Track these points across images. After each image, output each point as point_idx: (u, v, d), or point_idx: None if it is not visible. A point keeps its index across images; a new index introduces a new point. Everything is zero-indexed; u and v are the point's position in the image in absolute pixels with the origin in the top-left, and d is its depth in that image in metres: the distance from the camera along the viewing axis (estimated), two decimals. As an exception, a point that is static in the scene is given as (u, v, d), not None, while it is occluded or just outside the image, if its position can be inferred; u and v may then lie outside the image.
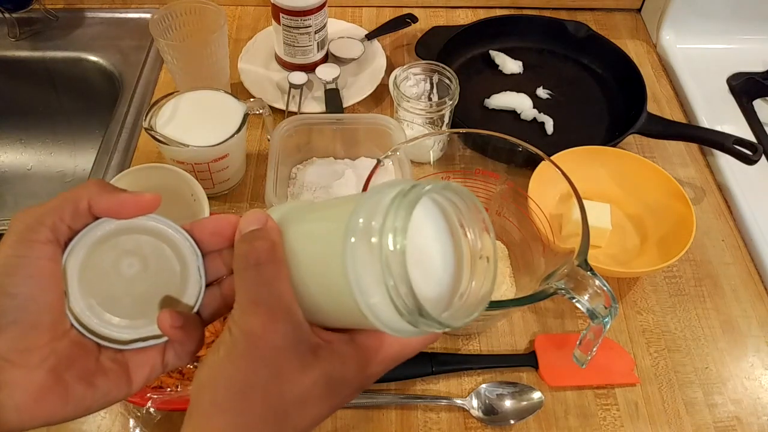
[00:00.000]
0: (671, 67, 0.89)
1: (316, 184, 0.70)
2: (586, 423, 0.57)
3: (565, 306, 0.64)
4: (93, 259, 0.31)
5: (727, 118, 0.83)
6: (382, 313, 0.26)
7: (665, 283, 0.67)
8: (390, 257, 0.24)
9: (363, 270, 0.25)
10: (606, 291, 0.43)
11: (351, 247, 0.26)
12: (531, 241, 0.58)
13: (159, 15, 0.72)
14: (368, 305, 0.26)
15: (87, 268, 0.31)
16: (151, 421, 0.52)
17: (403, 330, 0.26)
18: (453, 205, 0.28)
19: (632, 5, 0.99)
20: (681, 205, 0.65)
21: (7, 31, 0.90)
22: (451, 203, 0.28)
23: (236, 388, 0.27)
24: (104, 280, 0.31)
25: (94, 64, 0.89)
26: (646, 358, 0.61)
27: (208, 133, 0.64)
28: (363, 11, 0.96)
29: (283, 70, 0.84)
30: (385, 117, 0.69)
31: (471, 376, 0.59)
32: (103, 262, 0.31)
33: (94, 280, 0.31)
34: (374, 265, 0.25)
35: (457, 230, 0.29)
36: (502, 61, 0.88)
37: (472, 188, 0.61)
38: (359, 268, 0.25)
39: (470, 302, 0.28)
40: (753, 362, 0.61)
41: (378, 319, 0.26)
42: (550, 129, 0.80)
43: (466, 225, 0.28)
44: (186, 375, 0.53)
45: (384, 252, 0.24)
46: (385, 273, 0.24)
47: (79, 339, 0.31)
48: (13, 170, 0.96)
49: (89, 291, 0.31)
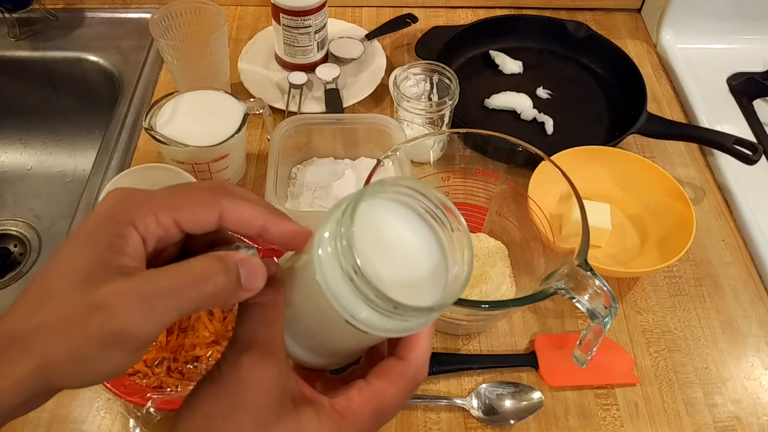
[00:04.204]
0: (671, 67, 0.89)
1: (316, 184, 0.70)
2: (586, 423, 0.57)
3: (565, 306, 0.64)
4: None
5: (727, 118, 0.83)
6: (361, 313, 0.26)
7: (665, 283, 0.67)
8: (342, 252, 0.25)
9: (331, 275, 0.26)
10: (606, 291, 0.43)
11: (318, 258, 0.27)
12: (531, 241, 0.58)
13: (159, 15, 0.72)
14: (350, 313, 0.26)
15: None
16: (151, 421, 0.52)
17: (385, 326, 0.27)
18: (411, 197, 0.29)
19: (632, 5, 0.99)
20: (681, 205, 0.65)
21: (7, 31, 0.90)
22: (408, 197, 0.29)
23: (214, 422, 0.27)
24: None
25: (94, 64, 0.89)
26: (646, 358, 0.61)
27: (208, 133, 0.64)
28: (363, 11, 0.96)
29: (283, 70, 0.84)
30: (385, 117, 0.69)
31: (471, 376, 0.59)
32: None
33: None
34: (336, 266, 0.26)
35: (427, 218, 0.30)
36: (502, 61, 0.88)
37: (472, 188, 0.61)
38: (328, 275, 0.26)
39: (459, 274, 0.28)
40: (753, 362, 0.62)
41: (362, 322, 0.27)
42: (550, 129, 0.80)
43: (433, 210, 0.29)
44: (186, 375, 0.53)
45: (339, 249, 0.26)
46: (343, 266, 0.26)
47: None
48: (13, 170, 0.96)
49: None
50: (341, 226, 0.26)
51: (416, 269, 0.29)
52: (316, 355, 0.32)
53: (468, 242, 0.28)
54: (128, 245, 0.26)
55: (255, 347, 0.28)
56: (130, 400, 0.50)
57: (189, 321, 0.55)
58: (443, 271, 0.29)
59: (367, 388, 0.30)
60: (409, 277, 0.28)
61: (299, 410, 0.28)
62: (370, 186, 0.28)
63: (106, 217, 0.27)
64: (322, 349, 0.32)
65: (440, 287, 0.29)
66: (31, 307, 0.25)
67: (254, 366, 0.28)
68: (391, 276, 0.28)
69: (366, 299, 0.26)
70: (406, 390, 0.30)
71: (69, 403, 0.56)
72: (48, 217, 0.92)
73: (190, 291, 0.25)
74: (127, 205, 0.27)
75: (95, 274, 0.25)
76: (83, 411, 0.55)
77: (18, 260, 0.89)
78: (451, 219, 0.29)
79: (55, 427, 0.55)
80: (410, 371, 0.30)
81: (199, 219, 0.28)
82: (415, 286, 0.28)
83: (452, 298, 0.27)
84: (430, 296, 0.28)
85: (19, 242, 0.90)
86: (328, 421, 0.28)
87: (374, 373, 0.30)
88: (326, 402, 0.29)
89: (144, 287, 0.25)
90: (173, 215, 0.27)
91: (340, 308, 0.26)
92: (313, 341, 0.32)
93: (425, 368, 0.31)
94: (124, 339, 0.24)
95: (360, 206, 0.27)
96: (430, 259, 0.29)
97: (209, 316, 0.55)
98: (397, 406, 0.30)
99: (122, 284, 0.25)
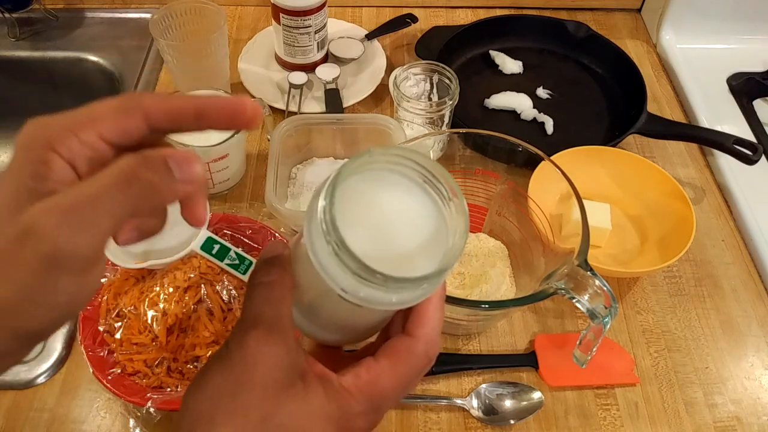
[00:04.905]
0: (671, 67, 0.89)
1: (316, 184, 0.70)
2: (586, 423, 0.57)
3: (565, 306, 0.64)
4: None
5: (727, 118, 0.83)
6: (351, 287, 0.26)
7: (665, 283, 0.67)
8: (326, 226, 0.25)
9: (320, 250, 0.26)
10: (606, 291, 0.43)
11: (308, 233, 0.27)
12: (531, 241, 0.58)
13: (159, 15, 0.72)
14: (340, 287, 0.26)
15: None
16: (151, 421, 0.52)
17: (377, 299, 0.27)
18: (404, 166, 0.29)
19: (632, 5, 0.99)
20: (681, 205, 0.65)
21: (7, 31, 0.90)
22: (401, 165, 0.29)
23: (221, 399, 0.27)
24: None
25: (94, 64, 0.89)
26: (646, 358, 0.61)
27: (208, 133, 0.64)
28: (363, 11, 0.96)
29: (283, 70, 0.84)
30: (385, 117, 0.69)
31: (471, 376, 0.59)
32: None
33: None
34: (323, 240, 0.26)
35: (424, 187, 0.29)
36: (502, 61, 0.88)
37: (472, 188, 0.61)
38: (317, 250, 0.26)
39: (455, 244, 0.28)
40: (753, 362, 0.61)
41: (353, 295, 0.26)
42: (550, 129, 0.80)
43: (429, 178, 0.29)
44: (186, 375, 0.53)
45: (322, 224, 0.26)
46: (328, 240, 0.25)
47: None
48: (13, 170, 0.96)
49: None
50: (324, 199, 0.26)
51: (410, 240, 0.28)
52: (326, 331, 0.32)
53: (464, 211, 0.28)
54: (52, 171, 0.25)
55: (261, 325, 0.28)
56: (130, 400, 0.50)
57: (189, 321, 0.55)
58: (442, 241, 0.29)
59: (375, 365, 0.29)
60: (402, 248, 0.28)
61: (307, 387, 0.28)
62: (357, 157, 0.27)
63: (24, 147, 0.25)
64: (330, 324, 0.32)
65: (438, 257, 0.28)
66: None
67: (261, 343, 0.28)
68: (381, 248, 0.27)
69: (353, 273, 0.25)
70: (416, 367, 0.30)
71: (69, 403, 0.56)
72: (48, 217, 0.92)
73: (116, 193, 0.24)
74: (42, 131, 0.25)
75: (21, 203, 0.24)
76: (83, 411, 0.55)
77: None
78: (447, 188, 0.28)
79: (55, 427, 0.55)
80: (419, 347, 0.30)
81: (123, 126, 0.26)
82: (410, 258, 0.28)
83: (446, 268, 0.27)
84: (427, 267, 0.27)
85: (19, 242, 0.90)
86: (336, 397, 0.28)
87: (383, 350, 0.30)
88: (335, 378, 0.29)
89: (65, 200, 0.23)
90: (95, 130, 0.26)
91: (331, 282, 0.26)
92: (321, 317, 0.32)
93: (436, 345, 0.30)
94: (61, 259, 0.23)
95: (348, 180, 0.26)
96: (425, 230, 0.29)
97: (209, 317, 0.55)
98: (408, 385, 0.30)
99: (44, 203, 0.23)
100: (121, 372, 0.52)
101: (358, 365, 0.30)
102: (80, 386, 0.57)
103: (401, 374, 0.30)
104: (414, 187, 0.29)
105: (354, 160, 0.27)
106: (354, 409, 0.28)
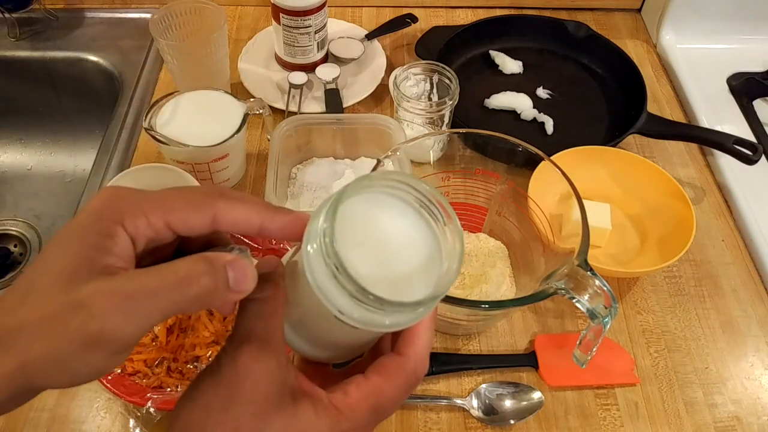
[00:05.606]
0: (671, 67, 0.89)
1: (316, 184, 0.70)
2: (586, 423, 0.57)
3: (565, 306, 0.64)
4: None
5: (727, 118, 0.83)
6: (347, 309, 0.26)
7: (665, 283, 0.67)
8: (325, 248, 0.26)
9: (318, 271, 0.26)
10: (606, 291, 0.43)
11: (306, 254, 0.27)
12: (531, 241, 0.58)
13: (159, 15, 0.72)
14: (337, 308, 0.27)
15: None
16: (151, 421, 0.52)
17: (373, 322, 0.27)
18: (402, 191, 0.29)
19: (632, 5, 0.99)
20: (681, 205, 0.65)
21: (7, 31, 0.90)
22: (399, 190, 0.29)
23: (211, 413, 0.27)
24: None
25: (94, 64, 0.89)
26: (646, 358, 0.61)
27: (208, 133, 0.64)
28: (363, 11, 0.96)
29: (283, 70, 0.84)
30: (385, 117, 0.69)
31: (471, 376, 0.59)
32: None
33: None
34: (321, 262, 0.26)
35: (420, 211, 0.30)
36: (502, 61, 0.88)
37: (472, 188, 0.61)
38: (315, 271, 0.26)
39: (450, 268, 0.28)
40: (753, 362, 0.62)
41: (349, 317, 0.27)
42: (550, 129, 0.80)
43: (425, 202, 0.29)
44: (186, 375, 0.53)
45: (322, 246, 0.26)
46: (327, 263, 0.26)
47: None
48: (13, 170, 0.96)
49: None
50: (325, 221, 0.26)
51: (407, 263, 0.29)
52: (317, 348, 0.32)
53: (459, 235, 0.28)
54: (116, 245, 0.26)
55: (253, 340, 0.28)
56: (130, 400, 0.50)
57: (189, 321, 0.55)
58: (436, 265, 0.29)
59: (364, 383, 0.30)
60: (399, 271, 0.28)
61: (297, 403, 0.28)
62: (357, 180, 0.28)
63: (95, 215, 0.26)
64: (322, 342, 0.32)
65: (432, 281, 0.28)
66: (14, 303, 0.25)
67: (252, 359, 0.28)
68: (379, 271, 0.28)
69: (350, 295, 0.26)
70: (405, 386, 0.30)
71: (69, 403, 0.56)
72: (48, 217, 0.92)
73: (174, 292, 0.25)
74: (117, 204, 0.27)
75: (80, 273, 0.25)
76: (83, 411, 0.55)
77: (18, 260, 0.89)
78: (442, 212, 0.29)
79: (55, 427, 0.55)
80: (409, 366, 0.30)
81: (190, 221, 0.28)
82: (407, 281, 0.28)
83: (441, 293, 0.27)
84: (421, 290, 0.28)
85: (19, 242, 0.90)
86: (325, 415, 0.28)
87: (373, 368, 0.30)
88: (324, 396, 0.29)
89: (125, 287, 0.24)
90: (164, 217, 0.27)
91: (327, 303, 0.27)
92: (312, 334, 0.32)
93: (425, 363, 0.31)
94: (104, 340, 0.24)
95: (347, 202, 0.27)
96: (421, 253, 0.29)
97: (209, 316, 0.55)
98: (396, 402, 0.30)
99: (104, 284, 0.24)
100: (121, 372, 0.52)
101: (347, 382, 0.30)
102: (80, 386, 0.57)
103: (391, 392, 0.30)
104: (411, 211, 0.30)
105: (353, 185, 0.27)
106: (343, 426, 0.28)
